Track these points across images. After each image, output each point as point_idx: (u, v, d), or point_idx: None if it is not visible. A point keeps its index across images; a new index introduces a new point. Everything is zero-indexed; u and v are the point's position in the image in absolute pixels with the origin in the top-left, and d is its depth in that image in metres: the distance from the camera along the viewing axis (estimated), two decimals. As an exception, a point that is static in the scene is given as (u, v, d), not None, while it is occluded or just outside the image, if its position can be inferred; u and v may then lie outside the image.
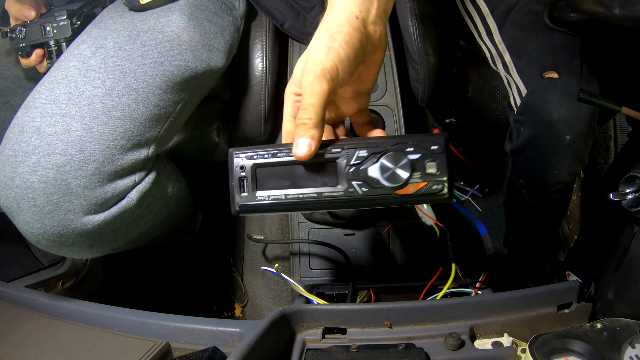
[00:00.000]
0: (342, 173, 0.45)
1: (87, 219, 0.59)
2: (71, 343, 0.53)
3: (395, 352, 0.47)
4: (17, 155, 0.57)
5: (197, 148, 0.99)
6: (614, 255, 0.58)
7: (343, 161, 0.45)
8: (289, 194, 0.46)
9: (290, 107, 0.48)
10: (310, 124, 0.43)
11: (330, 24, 0.45)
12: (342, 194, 0.45)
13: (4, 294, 0.64)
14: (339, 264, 0.90)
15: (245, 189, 0.46)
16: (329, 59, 0.43)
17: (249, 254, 1.16)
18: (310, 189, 0.46)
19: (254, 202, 0.46)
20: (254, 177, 0.46)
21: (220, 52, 0.76)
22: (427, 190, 0.45)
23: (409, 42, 0.93)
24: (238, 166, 0.46)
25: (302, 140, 0.43)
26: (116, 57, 0.64)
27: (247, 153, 0.46)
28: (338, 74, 0.44)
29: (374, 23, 0.47)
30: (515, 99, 0.78)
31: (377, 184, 0.45)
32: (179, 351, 0.51)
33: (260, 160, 0.45)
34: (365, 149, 0.45)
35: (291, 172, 0.46)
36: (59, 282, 1.01)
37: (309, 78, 0.43)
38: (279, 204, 0.46)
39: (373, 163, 0.45)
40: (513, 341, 0.49)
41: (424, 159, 0.44)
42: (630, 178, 0.53)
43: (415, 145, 0.44)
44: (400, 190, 0.45)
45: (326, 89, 0.43)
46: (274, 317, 0.50)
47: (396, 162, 0.44)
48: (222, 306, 1.21)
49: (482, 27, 0.83)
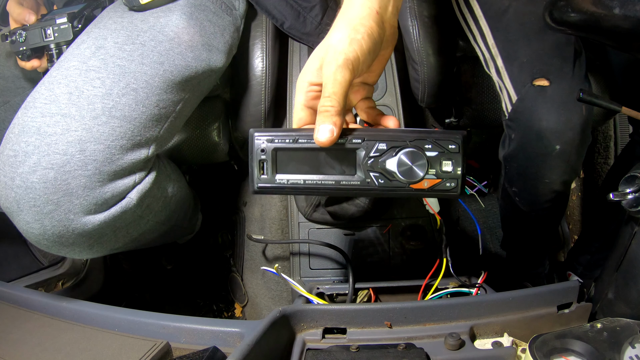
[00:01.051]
0: (360, 163, 0.47)
1: (87, 219, 0.59)
2: (71, 343, 0.53)
3: (395, 352, 0.47)
4: (17, 155, 0.57)
5: (197, 148, 0.99)
6: (614, 255, 0.58)
7: (362, 152, 0.46)
8: (307, 179, 0.47)
9: (304, 96, 0.49)
10: (333, 111, 0.44)
11: (352, 16, 0.46)
12: (359, 183, 0.47)
13: (4, 294, 0.64)
14: (339, 264, 0.90)
15: (265, 171, 0.47)
16: (352, 49, 0.45)
17: (249, 254, 1.16)
18: (329, 175, 0.47)
19: (273, 184, 0.47)
20: (274, 161, 0.47)
21: (220, 52, 0.76)
22: (440, 186, 0.46)
23: (409, 42, 0.93)
24: (259, 148, 0.47)
25: (324, 126, 0.44)
26: (116, 57, 0.64)
27: (268, 136, 0.47)
28: (359, 65, 0.45)
29: (390, 19, 0.49)
30: (506, 104, 0.78)
31: (394, 177, 0.46)
32: (179, 351, 0.51)
33: (281, 144, 0.46)
34: (385, 142, 0.46)
35: (311, 157, 0.47)
36: (59, 282, 1.02)
37: (331, 67, 0.44)
38: (297, 187, 0.47)
39: (391, 157, 0.46)
40: (513, 341, 0.49)
41: (441, 157, 0.46)
42: (630, 178, 0.53)
43: (434, 142, 0.46)
44: (415, 185, 0.46)
45: (348, 79, 0.44)
46: (274, 317, 0.50)
47: (414, 160, 0.46)
48: (222, 306, 1.21)
49: (475, 29, 0.83)
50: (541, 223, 0.88)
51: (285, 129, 0.47)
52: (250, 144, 0.47)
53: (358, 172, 0.47)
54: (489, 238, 1.26)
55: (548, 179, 0.75)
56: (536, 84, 0.72)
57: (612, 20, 0.47)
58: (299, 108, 0.50)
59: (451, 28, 0.96)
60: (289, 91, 0.96)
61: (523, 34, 0.76)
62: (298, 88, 0.49)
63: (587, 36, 0.72)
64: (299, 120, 0.50)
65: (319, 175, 0.47)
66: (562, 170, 0.73)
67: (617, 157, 1.21)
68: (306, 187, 0.47)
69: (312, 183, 0.47)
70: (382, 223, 0.94)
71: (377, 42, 0.47)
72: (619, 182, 0.54)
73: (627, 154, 0.97)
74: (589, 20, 0.50)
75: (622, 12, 0.46)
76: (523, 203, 0.82)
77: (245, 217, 1.16)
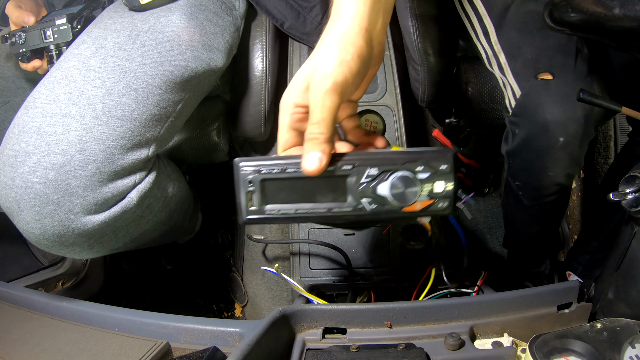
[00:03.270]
0: (351, 189, 0.45)
1: (88, 219, 0.59)
2: (71, 343, 0.53)
3: (395, 352, 0.47)
4: (18, 155, 0.57)
5: (197, 148, 0.99)
6: (614, 255, 0.58)
7: (353, 178, 0.45)
8: (298, 208, 0.46)
9: (289, 117, 0.46)
10: (322, 139, 0.42)
11: (341, 35, 0.43)
12: (351, 210, 0.46)
13: (4, 294, 0.64)
14: (339, 264, 0.90)
15: (254, 203, 0.46)
16: (341, 72, 0.42)
17: (249, 254, 1.16)
18: (320, 203, 0.46)
19: (263, 215, 0.46)
20: (262, 192, 0.45)
21: (220, 52, 0.76)
22: (432, 207, 0.46)
23: (409, 42, 0.93)
24: (246, 180, 0.45)
25: (312, 154, 0.42)
26: (116, 57, 0.64)
27: (255, 166, 0.45)
28: (348, 88, 0.43)
29: (378, 36, 0.46)
30: (510, 100, 0.79)
31: (386, 201, 0.45)
32: (179, 351, 0.50)
33: (268, 175, 0.45)
34: (376, 167, 0.45)
35: (300, 186, 0.45)
36: (59, 282, 1.02)
37: (319, 91, 0.42)
38: (288, 217, 0.46)
39: (383, 181, 0.45)
40: (513, 341, 0.49)
41: (433, 178, 0.45)
42: (630, 178, 0.53)
43: (425, 164, 0.45)
44: (407, 208, 0.45)
45: (337, 104, 0.42)
46: (274, 317, 0.50)
47: (406, 184, 0.44)
48: (222, 306, 1.22)
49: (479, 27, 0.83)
50: (544, 218, 0.88)
51: (271, 156, 0.45)
52: (235, 175, 0.45)
53: (349, 198, 0.45)
54: (489, 238, 1.26)
55: (552, 171, 0.75)
56: (540, 77, 0.72)
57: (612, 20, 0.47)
58: (284, 130, 0.47)
59: (451, 28, 0.96)
60: (289, 91, 0.96)
61: (526, 31, 0.77)
62: (282, 109, 0.47)
63: (587, 36, 0.72)
64: (284, 143, 0.48)
65: (310, 204, 0.45)
66: (566, 163, 0.74)
67: (617, 157, 1.21)
68: (297, 216, 0.46)
69: (303, 212, 0.46)
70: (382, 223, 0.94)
71: (367, 62, 0.45)
72: (619, 182, 0.54)
73: (626, 153, 0.97)
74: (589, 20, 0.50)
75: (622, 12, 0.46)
76: (527, 197, 0.83)
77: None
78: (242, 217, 0.46)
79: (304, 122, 0.47)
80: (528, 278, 1.03)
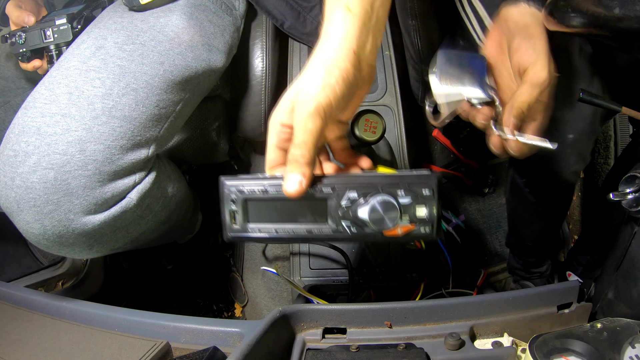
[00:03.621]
0: (331, 212, 0.45)
1: (88, 219, 0.59)
2: (71, 343, 0.53)
3: (395, 352, 0.47)
4: (17, 155, 0.57)
5: (197, 148, 0.99)
6: (614, 255, 0.58)
7: (333, 201, 0.45)
8: (279, 228, 0.46)
9: (276, 137, 0.47)
10: (302, 161, 0.42)
11: (327, 57, 0.43)
12: (331, 232, 0.46)
13: (4, 294, 0.64)
14: (339, 264, 0.90)
15: (237, 221, 0.46)
16: (325, 95, 0.42)
17: (249, 254, 1.16)
18: (301, 224, 0.46)
19: (246, 233, 0.47)
20: (245, 211, 0.46)
21: (220, 52, 0.76)
22: (414, 232, 0.45)
23: (408, 42, 0.93)
24: (229, 198, 0.46)
25: (292, 176, 0.42)
26: (116, 57, 0.64)
27: (238, 186, 0.46)
28: (332, 111, 0.43)
29: (368, 58, 0.46)
30: None
31: (366, 225, 0.45)
32: (179, 351, 0.51)
33: (250, 195, 0.46)
34: (355, 191, 0.45)
35: (282, 207, 0.46)
36: (59, 282, 1.02)
37: (302, 114, 0.42)
38: (270, 237, 0.47)
39: (363, 205, 0.44)
40: (513, 341, 0.49)
41: (414, 203, 0.44)
42: (630, 178, 0.53)
43: (406, 188, 0.44)
44: (388, 232, 0.45)
45: (319, 127, 0.42)
46: (274, 317, 0.50)
47: (385, 208, 0.44)
48: (222, 306, 1.21)
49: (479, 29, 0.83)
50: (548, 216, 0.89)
51: (256, 176, 0.46)
52: (220, 192, 0.46)
53: (329, 220, 0.45)
54: (489, 238, 1.26)
55: (559, 168, 0.76)
56: None
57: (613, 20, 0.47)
58: (271, 149, 0.48)
59: (452, 28, 0.96)
60: (289, 91, 0.96)
61: None
62: (270, 128, 0.47)
63: (587, 36, 0.72)
64: (270, 162, 0.48)
65: (291, 224, 0.46)
66: (574, 160, 0.75)
67: (618, 158, 1.21)
68: (279, 236, 0.47)
69: (284, 232, 0.46)
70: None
71: (353, 85, 0.44)
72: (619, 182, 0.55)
73: (627, 154, 0.97)
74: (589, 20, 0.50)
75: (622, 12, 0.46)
76: (533, 194, 0.84)
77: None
78: (227, 235, 0.47)
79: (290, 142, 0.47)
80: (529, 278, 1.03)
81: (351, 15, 0.43)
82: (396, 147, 0.91)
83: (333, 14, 0.44)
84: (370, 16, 0.45)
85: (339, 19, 0.43)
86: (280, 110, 0.46)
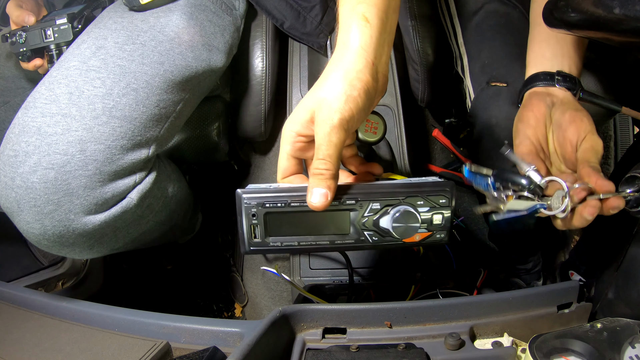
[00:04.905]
0: (354, 222, 0.46)
1: (88, 219, 0.59)
2: (71, 343, 0.53)
3: (395, 352, 0.47)
4: (18, 155, 0.57)
5: (197, 148, 0.99)
6: (614, 255, 0.58)
7: (356, 212, 0.46)
8: (301, 240, 0.47)
9: (291, 146, 0.47)
10: (327, 175, 0.42)
11: (349, 69, 0.43)
12: (353, 241, 0.47)
13: (4, 294, 0.64)
14: (339, 264, 0.90)
15: (257, 235, 0.46)
16: (348, 108, 0.42)
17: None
18: (323, 236, 0.47)
19: (266, 247, 0.47)
20: (266, 225, 0.46)
21: (220, 52, 0.76)
22: (430, 238, 0.48)
23: (408, 42, 0.93)
24: (250, 212, 0.45)
25: (317, 190, 0.42)
26: (116, 57, 0.64)
27: (258, 199, 0.45)
28: (354, 124, 0.43)
29: (383, 70, 0.46)
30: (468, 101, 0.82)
31: (387, 233, 0.46)
32: (179, 351, 0.51)
33: (272, 209, 0.45)
34: (378, 202, 0.46)
35: (304, 219, 0.46)
36: (59, 282, 1.02)
37: (326, 127, 0.42)
38: (291, 248, 0.47)
39: (385, 215, 0.46)
40: (513, 341, 0.49)
41: (432, 212, 0.47)
42: (630, 178, 0.53)
43: (425, 199, 0.46)
44: (407, 239, 0.47)
45: (343, 139, 0.42)
46: (274, 317, 0.50)
47: (407, 219, 0.46)
48: (222, 306, 1.21)
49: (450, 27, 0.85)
50: None
51: (273, 187, 0.46)
52: (238, 206, 0.46)
53: (352, 230, 0.47)
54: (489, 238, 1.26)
55: None
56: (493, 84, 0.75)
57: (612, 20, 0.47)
58: (285, 158, 0.48)
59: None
60: (289, 91, 0.96)
61: (489, 35, 0.80)
62: (284, 137, 0.47)
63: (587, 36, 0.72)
64: (284, 170, 0.48)
65: (313, 236, 0.47)
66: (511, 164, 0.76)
67: (622, 158, 1.21)
68: (300, 247, 0.47)
69: (306, 244, 0.47)
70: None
71: (372, 97, 0.45)
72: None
73: (630, 154, 0.97)
74: (589, 20, 0.50)
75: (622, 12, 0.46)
76: None
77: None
78: (245, 248, 0.47)
79: (305, 151, 0.48)
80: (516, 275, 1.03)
81: (369, 26, 0.44)
82: (396, 147, 0.91)
83: (351, 24, 0.44)
84: (386, 25, 0.46)
85: (357, 29, 0.44)
86: (297, 120, 0.45)
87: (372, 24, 0.44)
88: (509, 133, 0.73)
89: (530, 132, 0.57)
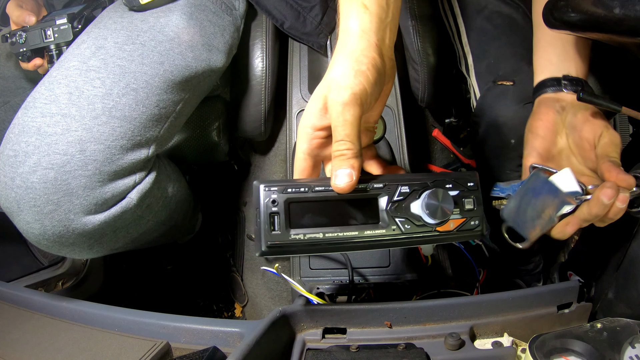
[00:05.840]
0: (383, 210, 0.43)
1: (88, 219, 0.59)
2: (71, 343, 0.53)
3: (395, 352, 0.47)
4: (18, 155, 0.57)
5: (197, 148, 0.99)
6: (614, 255, 0.58)
7: (385, 197, 0.43)
8: (327, 232, 0.42)
9: (307, 144, 0.44)
10: (349, 154, 0.40)
11: (353, 48, 0.43)
12: (384, 232, 0.43)
13: (4, 294, 0.64)
14: (339, 264, 0.90)
15: (277, 227, 0.41)
16: (358, 82, 0.41)
17: (249, 254, 1.16)
18: (350, 226, 0.43)
19: (287, 241, 0.41)
20: (287, 214, 0.41)
21: (220, 52, 0.76)
22: (465, 226, 0.45)
23: (408, 42, 0.93)
24: (269, 200, 0.41)
25: (341, 171, 0.40)
26: (116, 57, 0.64)
27: (279, 186, 0.41)
28: (367, 98, 0.42)
29: (387, 52, 0.46)
30: (473, 101, 0.82)
31: (420, 220, 0.43)
32: (179, 351, 0.51)
33: (295, 194, 0.41)
34: (407, 185, 0.44)
35: (329, 208, 0.42)
36: (59, 282, 1.02)
37: (338, 106, 0.40)
38: (315, 243, 0.42)
39: (415, 199, 0.44)
40: (513, 341, 0.49)
41: (462, 196, 0.45)
42: (630, 178, 0.53)
43: (453, 182, 0.45)
44: (442, 227, 0.44)
45: (358, 115, 0.41)
46: (274, 317, 0.50)
47: (440, 198, 0.43)
48: (222, 306, 1.21)
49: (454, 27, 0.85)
50: None
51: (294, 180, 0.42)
52: (256, 198, 0.41)
53: (382, 219, 0.43)
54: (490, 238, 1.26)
55: (508, 169, 0.79)
56: (499, 83, 0.75)
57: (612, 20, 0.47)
58: (301, 157, 0.45)
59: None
60: (289, 91, 0.96)
61: (494, 35, 0.80)
62: (300, 135, 0.44)
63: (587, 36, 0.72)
64: (300, 171, 0.45)
65: (340, 227, 0.42)
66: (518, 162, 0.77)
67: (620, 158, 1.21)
68: (325, 241, 0.42)
69: (332, 237, 0.42)
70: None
71: (382, 72, 0.44)
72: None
73: (627, 154, 0.97)
74: (589, 20, 0.50)
75: (622, 12, 0.46)
76: None
77: (245, 217, 1.16)
78: (262, 245, 0.41)
79: (323, 149, 0.45)
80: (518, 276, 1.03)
81: (368, 12, 0.44)
82: (396, 147, 0.91)
83: (350, 11, 0.44)
84: (387, 12, 0.46)
85: (356, 15, 0.44)
86: (311, 112, 0.44)
87: (371, 11, 0.44)
88: (516, 132, 0.73)
89: (538, 143, 0.57)
